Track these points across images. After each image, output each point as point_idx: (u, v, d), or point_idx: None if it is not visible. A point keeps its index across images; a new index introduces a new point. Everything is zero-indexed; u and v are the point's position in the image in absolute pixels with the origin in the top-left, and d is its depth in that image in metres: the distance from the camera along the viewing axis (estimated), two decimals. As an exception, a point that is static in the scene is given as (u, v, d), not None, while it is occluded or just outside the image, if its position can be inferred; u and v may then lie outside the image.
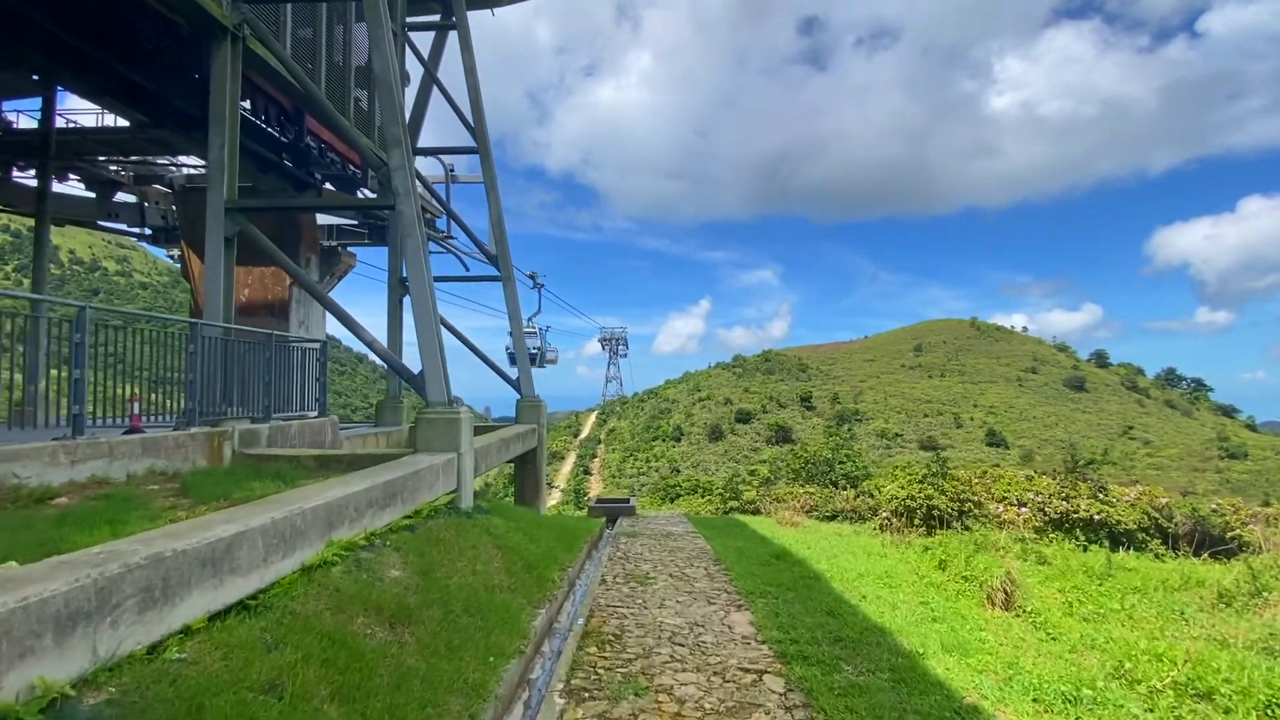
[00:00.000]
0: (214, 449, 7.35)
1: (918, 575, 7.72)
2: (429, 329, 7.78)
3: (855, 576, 7.54)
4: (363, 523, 5.10)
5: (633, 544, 10.79)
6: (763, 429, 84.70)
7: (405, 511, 6.03)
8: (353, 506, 4.95)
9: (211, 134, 8.15)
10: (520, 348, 13.09)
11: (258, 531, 3.77)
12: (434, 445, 7.46)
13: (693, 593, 7.04)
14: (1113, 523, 13.52)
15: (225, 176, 8.13)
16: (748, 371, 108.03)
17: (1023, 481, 15.52)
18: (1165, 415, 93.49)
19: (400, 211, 7.87)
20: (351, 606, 4.13)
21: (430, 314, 7.79)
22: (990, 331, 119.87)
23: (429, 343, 7.77)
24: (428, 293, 7.78)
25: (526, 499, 12.74)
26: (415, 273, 7.83)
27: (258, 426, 8.21)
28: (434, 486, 6.73)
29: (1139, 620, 6.29)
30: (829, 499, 18.15)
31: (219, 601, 3.43)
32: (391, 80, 7.93)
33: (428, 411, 7.58)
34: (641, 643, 5.36)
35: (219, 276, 8.08)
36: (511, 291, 13.15)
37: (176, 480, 5.59)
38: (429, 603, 4.73)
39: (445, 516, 6.79)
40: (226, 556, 3.49)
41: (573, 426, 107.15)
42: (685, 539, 11.34)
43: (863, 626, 5.52)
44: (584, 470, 78.94)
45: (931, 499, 13.67)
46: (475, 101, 13.52)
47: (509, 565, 6.77)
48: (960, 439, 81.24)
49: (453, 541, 6.15)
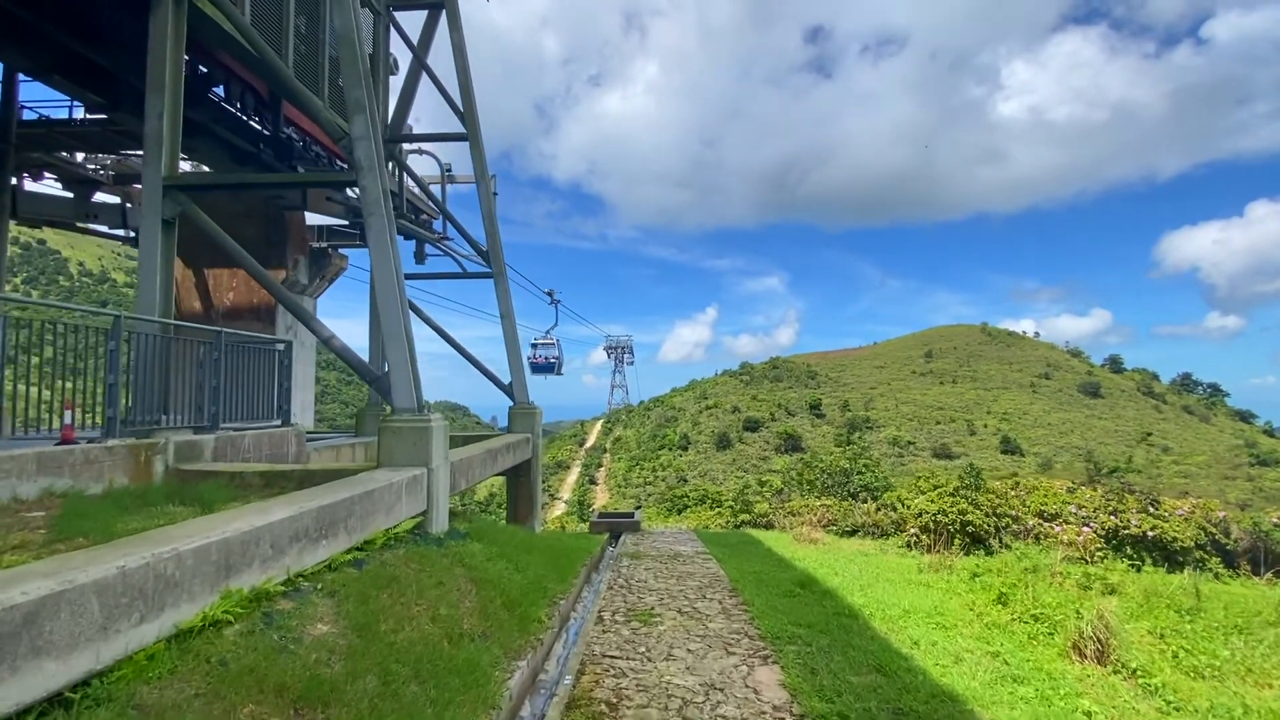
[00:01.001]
0: (140, 464, 6.25)
1: (973, 611, 6.50)
2: (396, 323, 6.68)
3: (899, 614, 6.33)
4: (283, 562, 3.97)
5: (636, 568, 9.60)
6: (771, 437, 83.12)
7: (352, 543, 4.89)
8: (268, 541, 3.82)
9: (148, 101, 7.11)
10: (513, 349, 11.98)
11: (91, 588, 2.64)
12: (399, 458, 6.34)
13: (706, 636, 5.85)
14: (1167, 539, 12.22)
15: (164, 150, 7.08)
16: (755, 379, 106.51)
17: (1062, 494, 14.23)
18: (1183, 421, 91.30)
19: (364, 187, 6.79)
20: (240, 687, 2.98)
21: (397, 306, 6.69)
22: (1001, 337, 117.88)
23: (395, 340, 6.67)
24: (394, 281, 6.69)
25: (520, 516, 11.58)
26: (380, 258, 6.74)
27: (201, 438, 7.11)
28: (394, 509, 5.60)
29: (1261, 674, 5.07)
30: (848, 512, 16.87)
31: (8, 702, 2.31)
32: (354, 37, 6.88)
33: (393, 419, 6.46)
34: (643, 717, 4.17)
35: (155, 264, 7.00)
36: (504, 288, 12.06)
37: (63, 506, 4.48)
38: (361, 670, 3.58)
39: (408, 546, 5.65)
40: (26, 631, 2.37)
41: (578, 435, 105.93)
42: (695, 561, 10.15)
43: (927, 691, 4.32)
44: (589, 480, 77.59)
45: (966, 514, 12.42)
46: (465, 85, 12.50)
47: (485, 604, 5.62)
48: (974, 446, 79.39)
49: (412, 579, 5.01)
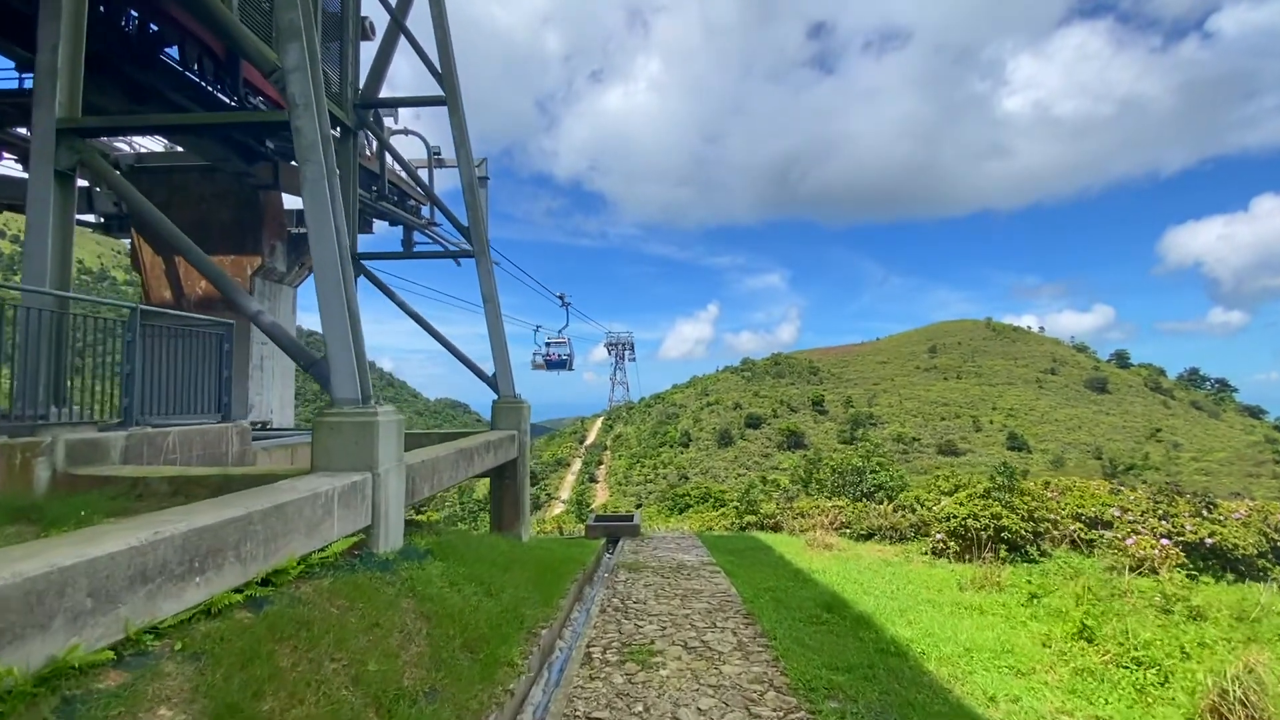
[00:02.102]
0: (14, 469, 5.02)
1: (1049, 649, 5.27)
2: (336, 295, 5.45)
3: (958, 653, 5.11)
4: (116, 614, 2.73)
5: (634, 583, 8.38)
6: (774, 434, 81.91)
7: (250, 576, 3.66)
8: (85, 587, 2.58)
9: (41, 30, 5.87)
10: (498, 337, 10.74)
11: None
12: (338, 461, 5.11)
13: (721, 687, 4.62)
14: (1227, 547, 10.99)
15: (61, 86, 5.83)
16: (757, 375, 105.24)
17: (1102, 495, 13.00)
18: (1192, 417, 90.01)
19: (298, 129, 5.55)
20: None
21: (338, 274, 5.46)
22: (1006, 332, 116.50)
23: (336, 315, 5.44)
24: (334, 243, 5.45)
25: (505, 523, 10.35)
26: (317, 213, 5.50)
27: (107, 436, 5.88)
28: (320, 527, 4.36)
29: None
30: (862, 514, 15.64)
31: None
32: (285, -54, 5.63)
33: (330, 413, 5.22)
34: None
35: (46, 223, 5.76)
36: (486, 268, 10.81)
37: None
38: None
39: (339, 575, 4.42)
40: None
41: (579, 433, 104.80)
42: (701, 575, 8.93)
43: (1036, 791, 3.13)
44: (590, 478, 76.46)
45: (1000, 518, 11.18)
46: (443, 42, 11.23)
47: (439, 648, 4.39)
48: (980, 443, 78.15)
49: (332, 622, 3.78)
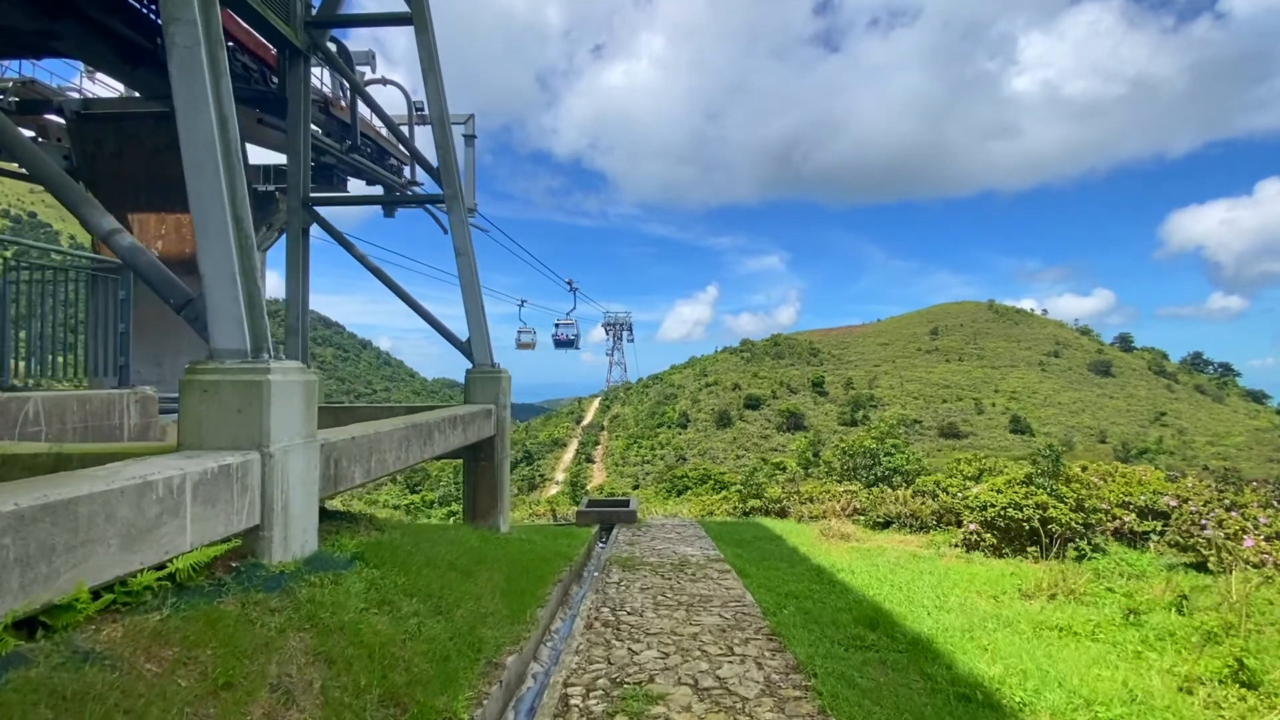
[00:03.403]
0: None
1: (1189, 694, 3.90)
2: (217, 213, 3.95)
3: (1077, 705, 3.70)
4: None
5: (629, 587, 7.01)
6: (773, 415, 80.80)
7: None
8: None
9: None
10: (472, 296, 9.26)
11: None
12: (212, 435, 3.66)
13: (748, 761, 3.24)
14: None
15: None
16: (756, 356, 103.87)
17: (1152, 482, 11.65)
18: (1196, 401, 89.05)
19: (174, 17, 3.99)
20: None
21: (219, 188, 3.95)
22: (1009, 314, 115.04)
23: (216, 241, 3.95)
24: (213, 140, 3.94)
25: (479, 513, 8.96)
26: (188, 96, 3.97)
27: (-74, 403, 4.43)
28: (152, 533, 2.91)
29: None
30: (878, 501, 14.32)
31: None
32: None
33: (203, 368, 3.77)
34: None
35: None
36: (459, 217, 9.27)
37: None
38: None
39: (189, 602, 2.99)
40: None
41: (575, 413, 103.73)
42: (708, 574, 7.56)
43: None
44: (586, 458, 75.43)
45: (1046, 508, 9.83)
46: (408, -50, 9.55)
47: (336, 710, 2.99)
48: (982, 425, 77.16)
49: (138, 691, 2.36)
